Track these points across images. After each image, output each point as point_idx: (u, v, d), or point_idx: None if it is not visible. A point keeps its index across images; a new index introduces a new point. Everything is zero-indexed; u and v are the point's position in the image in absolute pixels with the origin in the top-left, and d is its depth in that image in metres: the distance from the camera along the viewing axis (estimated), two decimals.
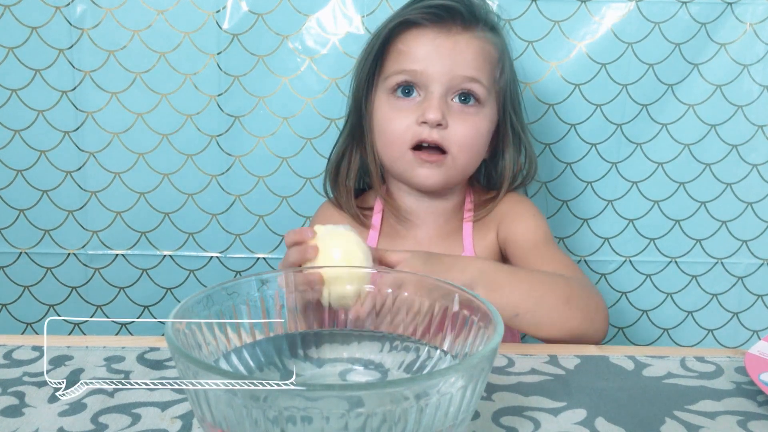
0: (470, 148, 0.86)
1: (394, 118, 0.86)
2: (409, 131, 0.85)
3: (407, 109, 0.85)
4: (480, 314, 0.51)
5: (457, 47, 0.83)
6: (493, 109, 0.88)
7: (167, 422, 0.56)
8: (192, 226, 1.14)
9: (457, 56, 0.83)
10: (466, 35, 0.84)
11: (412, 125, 0.84)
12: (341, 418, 0.40)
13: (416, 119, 0.84)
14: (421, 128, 0.84)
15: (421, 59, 0.84)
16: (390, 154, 0.88)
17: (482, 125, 0.86)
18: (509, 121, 0.90)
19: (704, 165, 1.13)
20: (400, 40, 0.86)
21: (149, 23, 1.06)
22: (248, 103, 1.09)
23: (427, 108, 0.83)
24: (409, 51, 0.84)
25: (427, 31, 0.84)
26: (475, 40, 0.84)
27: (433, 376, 0.42)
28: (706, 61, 1.08)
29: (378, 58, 0.88)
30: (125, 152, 1.10)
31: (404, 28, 0.85)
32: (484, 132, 0.87)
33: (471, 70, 0.84)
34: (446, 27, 0.84)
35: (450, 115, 0.84)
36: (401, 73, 0.85)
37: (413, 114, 0.84)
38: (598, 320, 0.76)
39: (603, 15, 1.07)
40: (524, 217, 0.91)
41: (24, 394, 0.60)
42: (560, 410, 0.59)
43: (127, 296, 1.17)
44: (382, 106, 0.87)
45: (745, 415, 0.59)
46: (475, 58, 0.84)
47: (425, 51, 0.84)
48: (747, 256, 1.17)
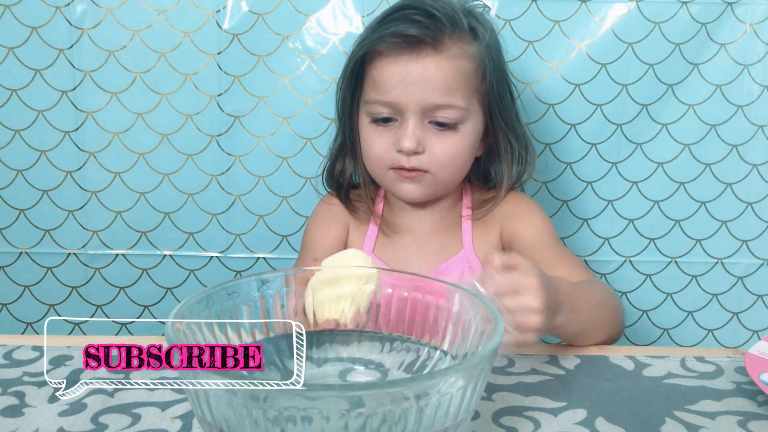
0: (451, 165, 0.87)
1: (374, 142, 0.87)
2: (388, 156, 0.86)
3: (386, 134, 0.86)
4: (480, 314, 0.51)
5: (426, 72, 0.82)
6: (477, 116, 0.87)
7: (167, 422, 0.56)
8: (192, 226, 1.14)
9: (428, 82, 0.82)
10: (435, 58, 0.82)
11: (390, 150, 0.85)
12: (341, 418, 0.40)
13: (394, 144, 0.85)
14: (399, 155, 0.85)
15: (393, 88, 0.83)
16: (375, 173, 0.91)
17: (462, 142, 0.86)
18: (499, 122, 0.89)
19: (704, 165, 1.13)
20: (373, 66, 0.85)
21: (149, 23, 1.06)
22: (248, 103, 1.09)
23: (402, 136, 0.83)
24: (383, 80, 0.84)
25: (398, 58, 0.82)
26: (445, 61, 0.82)
27: (433, 376, 0.42)
28: (706, 61, 1.08)
29: (356, 81, 0.88)
30: (125, 152, 1.10)
31: (375, 55, 0.84)
32: (464, 148, 0.86)
33: (442, 96, 0.82)
34: (415, 51, 0.81)
35: (427, 137, 0.84)
36: (377, 104, 0.85)
37: (392, 139, 0.85)
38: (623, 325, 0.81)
39: (603, 15, 1.07)
40: (530, 217, 0.92)
41: (24, 394, 0.60)
42: (560, 410, 0.59)
43: (127, 296, 1.17)
44: (364, 128, 0.88)
45: (745, 415, 0.59)
46: (446, 81, 0.82)
47: (397, 79, 0.82)
48: (747, 256, 1.17)
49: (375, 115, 0.86)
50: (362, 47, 0.85)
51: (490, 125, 0.89)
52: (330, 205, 0.98)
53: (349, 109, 0.90)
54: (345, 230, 0.96)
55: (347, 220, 0.96)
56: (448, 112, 0.83)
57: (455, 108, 0.83)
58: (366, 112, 0.88)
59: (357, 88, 0.89)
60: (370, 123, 0.87)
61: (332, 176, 0.98)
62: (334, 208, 0.97)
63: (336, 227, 0.96)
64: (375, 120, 0.87)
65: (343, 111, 0.92)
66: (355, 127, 0.91)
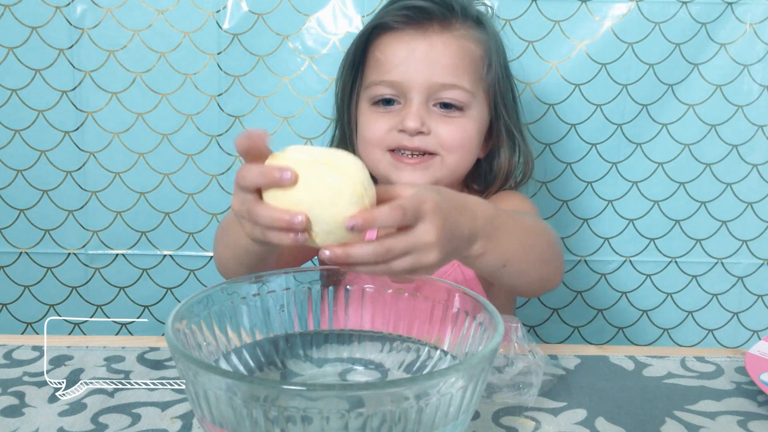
0: (460, 148, 0.82)
1: (372, 123, 0.83)
2: (389, 136, 0.81)
3: (387, 116, 0.82)
4: (480, 314, 0.51)
5: (433, 50, 0.79)
6: (482, 107, 0.84)
7: (167, 422, 0.56)
8: (192, 226, 1.14)
9: (434, 61, 0.79)
10: (443, 36, 0.79)
11: (392, 131, 0.81)
12: (341, 418, 0.40)
13: (396, 125, 0.80)
14: (401, 135, 0.80)
15: (397, 67, 0.80)
16: (371, 158, 0.84)
17: (469, 126, 0.82)
18: (502, 119, 0.86)
19: (704, 165, 1.13)
20: (377, 47, 0.82)
21: (149, 23, 1.06)
22: (248, 103, 1.09)
23: (406, 116, 0.79)
24: (386, 59, 0.81)
25: (403, 35, 0.79)
26: (453, 40, 0.79)
27: (433, 376, 0.42)
28: (706, 61, 1.08)
29: (358, 66, 0.85)
30: (125, 152, 1.10)
31: (381, 33, 0.82)
32: (472, 132, 0.83)
33: (449, 76, 0.79)
34: (422, 28, 0.79)
35: (432, 119, 0.80)
36: (380, 85, 0.81)
37: (393, 120, 0.81)
38: (561, 269, 0.72)
39: (603, 15, 1.07)
40: (510, 201, 0.88)
41: (24, 394, 0.60)
42: (560, 410, 0.59)
43: (127, 296, 1.17)
44: (364, 113, 0.84)
45: (745, 415, 0.59)
46: (453, 61, 0.79)
47: (401, 57, 0.79)
48: (747, 256, 1.17)
49: (376, 97, 0.82)
50: (368, 25, 0.83)
51: (494, 123, 0.86)
52: None
53: (349, 98, 0.87)
54: None
55: None
56: (455, 92, 0.79)
57: (462, 89, 0.80)
58: (366, 97, 0.83)
59: (358, 75, 0.85)
60: (371, 107, 0.83)
61: None
62: None
63: None
64: (376, 102, 0.82)
65: (342, 101, 0.88)
66: (353, 118, 0.87)
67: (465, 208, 0.54)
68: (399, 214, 0.47)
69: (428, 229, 0.49)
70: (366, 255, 0.47)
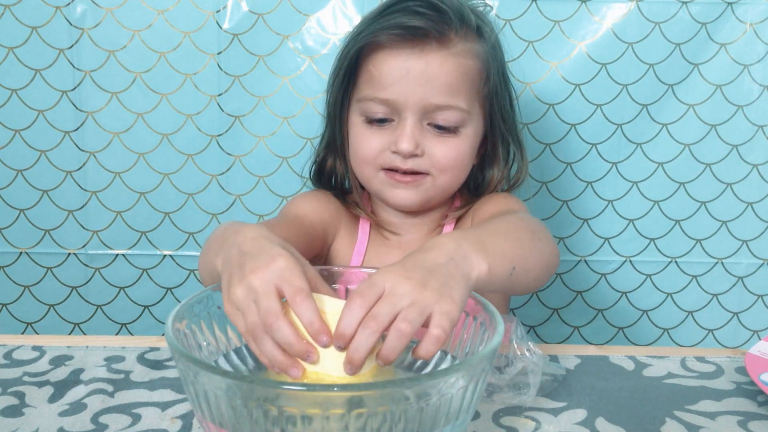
0: (452, 169, 0.81)
1: (365, 142, 0.81)
2: (382, 156, 0.79)
3: (380, 134, 0.79)
4: (480, 314, 0.51)
5: (430, 69, 0.76)
6: (478, 121, 0.82)
7: (167, 422, 0.56)
8: (192, 226, 1.14)
9: (430, 80, 0.76)
10: (440, 54, 0.76)
11: (385, 151, 0.79)
12: (341, 418, 0.40)
13: (389, 145, 0.78)
14: (394, 156, 0.78)
15: (392, 85, 0.76)
16: (363, 174, 0.83)
17: (463, 146, 0.80)
18: (497, 129, 0.84)
19: (704, 165, 1.13)
20: (371, 61, 0.79)
21: (149, 23, 1.06)
22: (248, 103, 1.09)
23: (399, 137, 0.77)
24: (381, 75, 0.77)
25: (399, 53, 0.76)
26: (450, 58, 0.76)
27: (433, 376, 0.42)
28: (706, 61, 1.08)
29: (350, 77, 0.82)
30: (125, 152, 1.10)
31: (374, 48, 0.78)
32: (465, 152, 0.81)
33: (444, 96, 0.76)
34: (418, 46, 0.75)
35: (426, 139, 0.78)
36: (373, 101, 0.78)
37: (387, 139, 0.79)
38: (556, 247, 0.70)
39: (603, 15, 1.07)
40: (495, 199, 0.86)
41: (24, 394, 0.60)
42: (560, 410, 0.59)
43: (127, 296, 1.17)
44: (356, 126, 0.82)
45: (746, 415, 0.59)
46: (449, 80, 0.76)
47: (396, 76, 0.76)
48: (747, 256, 1.17)
49: (370, 115, 0.80)
50: (359, 39, 0.79)
51: (489, 131, 0.84)
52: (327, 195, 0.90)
53: (340, 107, 0.84)
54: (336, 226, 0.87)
55: (341, 220, 0.88)
56: (449, 114, 0.78)
57: (457, 110, 0.78)
58: (359, 110, 0.81)
59: (350, 84, 0.82)
60: (363, 122, 0.81)
61: (321, 178, 0.91)
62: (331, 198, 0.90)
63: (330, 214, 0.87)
64: (369, 120, 0.80)
65: (334, 109, 0.85)
66: (344, 126, 0.84)
67: (423, 248, 0.52)
68: (358, 298, 0.46)
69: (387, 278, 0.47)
70: (363, 340, 0.45)
